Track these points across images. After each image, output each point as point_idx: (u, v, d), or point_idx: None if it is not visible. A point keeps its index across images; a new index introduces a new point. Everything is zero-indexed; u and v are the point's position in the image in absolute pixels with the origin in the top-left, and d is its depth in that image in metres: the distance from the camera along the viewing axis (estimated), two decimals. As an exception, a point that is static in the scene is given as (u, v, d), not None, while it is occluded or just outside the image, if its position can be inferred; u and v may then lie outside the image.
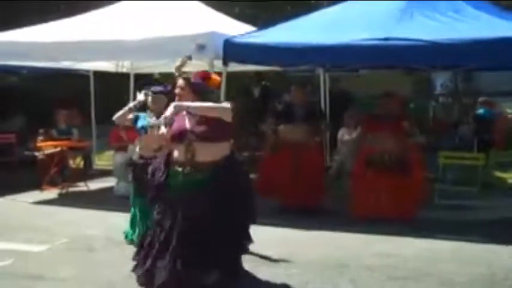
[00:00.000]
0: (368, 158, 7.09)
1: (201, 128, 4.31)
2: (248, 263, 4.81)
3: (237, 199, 4.32)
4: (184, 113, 4.39)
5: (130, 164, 5.85)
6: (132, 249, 5.19)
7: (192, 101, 4.37)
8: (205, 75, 4.56)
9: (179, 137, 4.34)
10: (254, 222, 4.54)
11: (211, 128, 4.30)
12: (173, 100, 4.51)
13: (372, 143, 7.13)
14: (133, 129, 8.64)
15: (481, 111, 11.53)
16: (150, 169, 4.60)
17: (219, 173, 4.27)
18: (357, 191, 7.11)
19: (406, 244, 5.98)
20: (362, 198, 6.97)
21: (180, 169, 4.33)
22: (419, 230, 6.36)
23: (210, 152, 4.30)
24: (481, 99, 12.06)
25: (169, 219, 4.31)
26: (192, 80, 4.47)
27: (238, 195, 4.33)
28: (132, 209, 5.82)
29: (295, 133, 7.48)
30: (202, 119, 4.33)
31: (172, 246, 4.24)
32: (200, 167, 4.28)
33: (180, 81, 4.47)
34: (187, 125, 4.36)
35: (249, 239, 4.60)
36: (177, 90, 4.46)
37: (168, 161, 4.44)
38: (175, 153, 4.40)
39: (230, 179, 4.29)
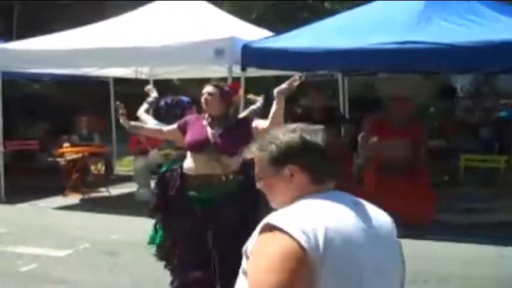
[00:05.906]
0: (376, 164, 7.04)
1: (223, 141, 4.11)
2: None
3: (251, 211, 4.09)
4: (204, 122, 4.20)
5: None
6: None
7: (219, 108, 4.18)
8: (236, 88, 4.56)
9: (200, 146, 4.13)
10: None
11: (233, 143, 4.01)
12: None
13: (379, 148, 7.08)
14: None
15: (504, 113, 11.41)
16: (162, 181, 4.36)
17: (243, 181, 4.08)
18: (367, 195, 7.02)
19: (427, 247, 5.96)
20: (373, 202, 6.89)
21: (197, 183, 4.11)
22: (440, 233, 6.34)
23: (229, 164, 4.11)
24: (503, 101, 11.94)
25: (192, 235, 4.13)
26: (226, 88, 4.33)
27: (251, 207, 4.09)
28: None
29: None
30: (225, 132, 4.14)
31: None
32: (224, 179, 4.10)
33: (211, 88, 4.22)
34: (210, 135, 4.14)
35: None
36: (204, 96, 4.20)
37: (182, 173, 4.19)
38: (191, 165, 4.14)
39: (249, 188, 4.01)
